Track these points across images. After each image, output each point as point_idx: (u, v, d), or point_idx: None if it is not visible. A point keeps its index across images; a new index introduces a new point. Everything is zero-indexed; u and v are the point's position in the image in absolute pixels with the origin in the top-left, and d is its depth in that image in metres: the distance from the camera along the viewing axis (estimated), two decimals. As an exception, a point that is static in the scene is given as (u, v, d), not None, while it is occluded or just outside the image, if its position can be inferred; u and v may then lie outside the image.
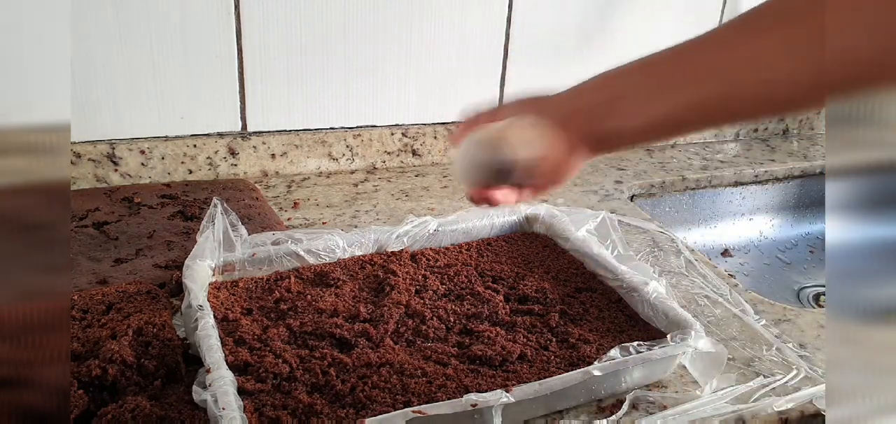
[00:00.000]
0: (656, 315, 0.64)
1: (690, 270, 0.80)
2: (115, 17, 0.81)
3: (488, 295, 0.68)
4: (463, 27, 0.97)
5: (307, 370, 0.56)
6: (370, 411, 0.52)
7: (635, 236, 0.87)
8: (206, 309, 0.58)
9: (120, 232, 0.77)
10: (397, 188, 0.95)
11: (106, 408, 0.51)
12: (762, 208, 1.17)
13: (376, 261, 0.72)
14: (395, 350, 0.59)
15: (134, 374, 0.54)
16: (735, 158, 1.17)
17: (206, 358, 0.53)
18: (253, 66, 0.89)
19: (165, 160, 0.89)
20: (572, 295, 0.69)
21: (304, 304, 0.64)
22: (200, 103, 0.89)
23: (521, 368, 0.58)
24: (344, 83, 0.95)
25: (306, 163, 0.97)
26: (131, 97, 0.86)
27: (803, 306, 1.05)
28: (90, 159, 0.86)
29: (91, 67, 0.83)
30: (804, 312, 0.73)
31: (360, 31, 0.93)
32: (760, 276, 1.11)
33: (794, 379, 0.62)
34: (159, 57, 0.85)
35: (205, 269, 0.65)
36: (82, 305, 0.62)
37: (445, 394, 0.54)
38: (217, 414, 0.48)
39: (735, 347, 0.66)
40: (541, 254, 0.77)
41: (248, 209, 0.83)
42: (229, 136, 0.92)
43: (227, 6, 0.85)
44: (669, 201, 1.08)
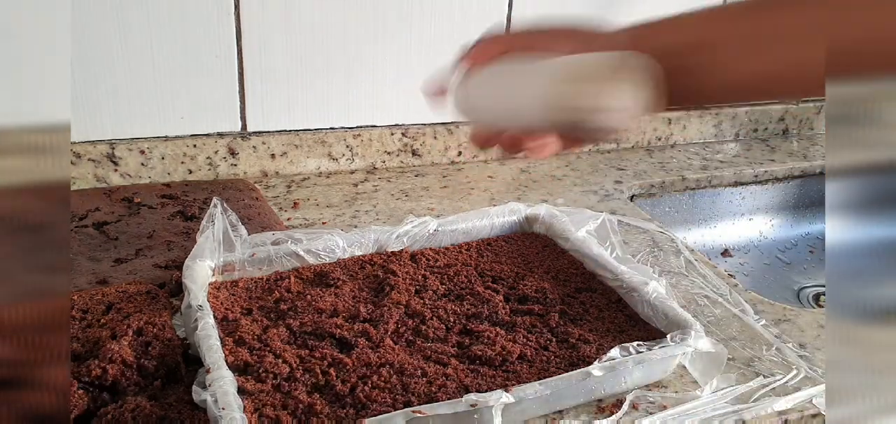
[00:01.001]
0: (656, 315, 0.64)
1: (690, 270, 0.80)
2: (115, 17, 0.81)
3: (488, 295, 0.68)
4: (463, 27, 0.97)
5: (307, 370, 0.56)
6: (370, 411, 0.52)
7: (635, 236, 0.87)
8: (206, 309, 0.58)
9: (120, 233, 0.77)
10: (397, 188, 0.95)
11: (106, 408, 0.51)
12: (762, 208, 1.17)
13: (376, 261, 0.72)
14: (394, 350, 0.59)
15: (134, 374, 0.54)
16: (735, 158, 1.17)
17: (206, 358, 0.53)
18: (253, 66, 0.89)
19: (165, 160, 0.89)
20: (572, 296, 0.69)
21: (303, 304, 0.64)
22: (200, 103, 0.89)
23: (521, 368, 0.58)
24: (344, 83, 0.95)
25: (306, 163, 0.97)
26: (131, 97, 0.86)
27: (803, 306, 1.05)
28: (90, 159, 0.86)
29: (91, 67, 0.83)
30: (804, 312, 0.73)
31: (360, 31, 0.93)
32: (760, 276, 1.11)
33: (793, 379, 0.62)
34: (159, 57, 0.85)
35: (205, 269, 0.65)
36: (82, 305, 0.62)
37: (445, 394, 0.54)
38: (217, 414, 0.48)
39: (735, 347, 0.66)
40: (541, 254, 0.77)
41: (248, 209, 0.83)
42: (229, 136, 0.92)
43: (227, 6, 0.85)
44: (669, 201, 1.08)
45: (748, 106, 1.24)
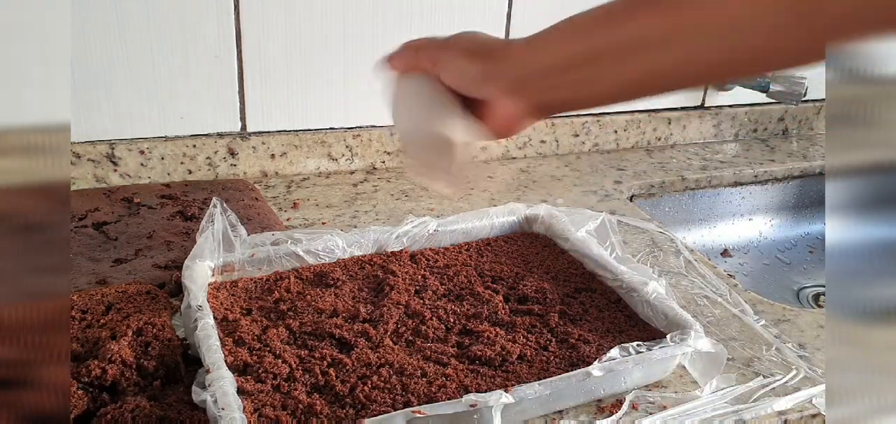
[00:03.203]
0: (656, 315, 0.64)
1: (690, 270, 0.80)
2: (115, 17, 0.81)
3: (488, 295, 0.68)
4: (463, 26, 0.97)
5: (307, 370, 0.56)
6: (370, 411, 0.52)
7: (635, 236, 0.87)
8: (206, 310, 0.58)
9: (119, 233, 0.77)
10: (397, 188, 0.95)
11: (105, 409, 0.51)
12: (762, 208, 1.17)
13: (376, 262, 0.72)
14: (394, 350, 0.59)
15: (133, 374, 0.54)
16: (734, 158, 1.17)
17: (206, 359, 0.53)
18: (252, 66, 0.89)
19: (165, 160, 0.89)
20: (572, 296, 0.69)
21: (303, 304, 0.64)
22: (200, 103, 0.89)
23: (521, 368, 0.58)
24: (343, 83, 0.95)
25: (306, 163, 0.97)
26: (131, 97, 0.86)
27: (803, 306, 1.05)
28: (90, 159, 0.86)
29: (91, 67, 0.83)
30: (804, 312, 0.73)
31: (360, 31, 0.93)
32: (760, 276, 1.11)
33: (793, 379, 0.62)
34: (159, 57, 0.85)
35: (204, 269, 0.65)
36: (82, 305, 0.62)
37: (445, 395, 0.54)
38: (216, 415, 0.48)
39: (735, 347, 0.66)
40: (540, 255, 0.77)
41: (248, 209, 0.83)
42: (229, 136, 0.92)
43: (227, 6, 0.85)
44: (669, 201, 1.08)
45: (748, 106, 1.24)
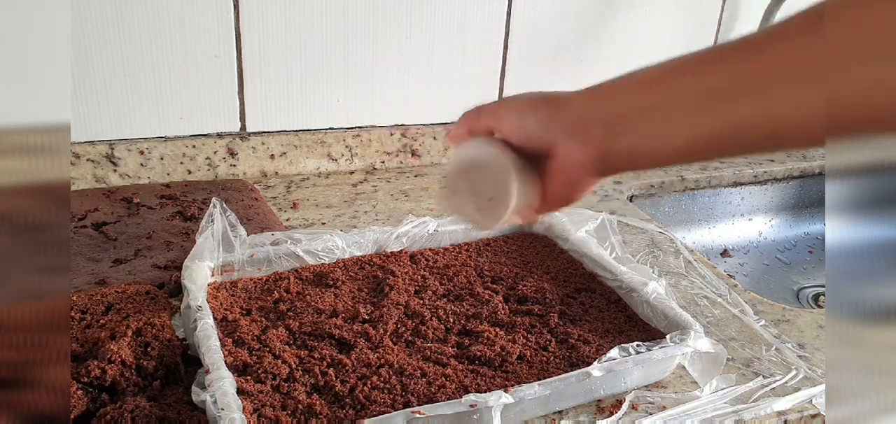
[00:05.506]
0: (656, 315, 0.64)
1: (690, 270, 0.80)
2: (115, 17, 0.81)
3: (488, 295, 0.68)
4: (462, 26, 0.97)
5: (306, 370, 0.56)
6: (369, 411, 0.52)
7: (634, 236, 0.87)
8: (206, 310, 0.58)
9: (119, 233, 0.76)
10: (396, 188, 0.95)
11: (105, 409, 0.51)
12: (761, 208, 1.17)
13: (375, 262, 0.72)
14: (394, 350, 0.59)
15: (133, 375, 0.54)
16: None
17: (206, 359, 0.53)
18: (252, 67, 0.89)
19: (164, 160, 0.89)
20: (572, 296, 0.69)
21: (303, 305, 0.64)
22: (199, 103, 0.89)
23: (521, 368, 0.58)
24: (343, 83, 0.95)
25: (305, 163, 0.96)
26: (131, 97, 0.86)
27: (802, 306, 1.05)
28: (89, 159, 0.86)
29: (91, 67, 0.83)
30: (803, 312, 0.73)
31: (360, 31, 0.93)
32: (760, 277, 1.11)
33: (793, 380, 0.62)
34: (159, 57, 0.85)
35: (204, 270, 0.65)
36: (82, 306, 0.62)
37: (445, 395, 0.54)
38: (216, 415, 0.48)
39: (734, 347, 0.66)
40: (540, 255, 0.77)
41: (248, 209, 0.83)
42: (228, 137, 0.92)
43: (227, 6, 0.85)
44: (669, 201, 1.08)
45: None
